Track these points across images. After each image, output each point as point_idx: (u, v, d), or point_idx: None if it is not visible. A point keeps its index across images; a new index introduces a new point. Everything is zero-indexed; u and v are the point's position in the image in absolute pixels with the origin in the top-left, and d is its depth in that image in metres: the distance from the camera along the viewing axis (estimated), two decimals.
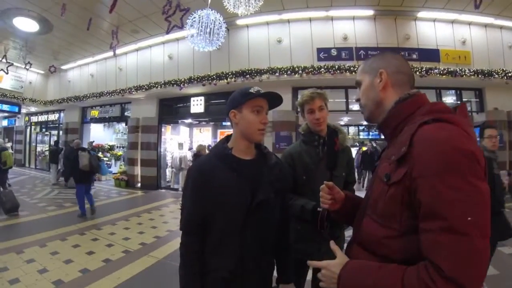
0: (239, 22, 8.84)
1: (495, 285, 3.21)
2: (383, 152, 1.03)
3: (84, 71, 12.88)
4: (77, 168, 6.36)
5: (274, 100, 1.36)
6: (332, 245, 0.98)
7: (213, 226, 1.29)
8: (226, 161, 1.30)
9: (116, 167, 12.99)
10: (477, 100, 9.19)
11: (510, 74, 8.42)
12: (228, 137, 1.41)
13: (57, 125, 15.10)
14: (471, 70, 8.28)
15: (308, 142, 1.98)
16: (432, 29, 8.76)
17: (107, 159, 13.27)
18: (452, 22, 8.77)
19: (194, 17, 6.41)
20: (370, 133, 14.37)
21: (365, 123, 14.04)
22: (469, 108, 9.36)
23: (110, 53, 10.24)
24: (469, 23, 8.82)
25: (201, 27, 6.40)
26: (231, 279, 1.26)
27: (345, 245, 1.19)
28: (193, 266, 1.28)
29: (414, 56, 8.45)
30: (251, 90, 1.29)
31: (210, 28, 6.46)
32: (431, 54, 8.54)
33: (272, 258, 1.43)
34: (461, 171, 0.69)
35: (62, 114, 14.62)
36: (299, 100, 1.96)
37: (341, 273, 0.85)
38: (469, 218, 0.66)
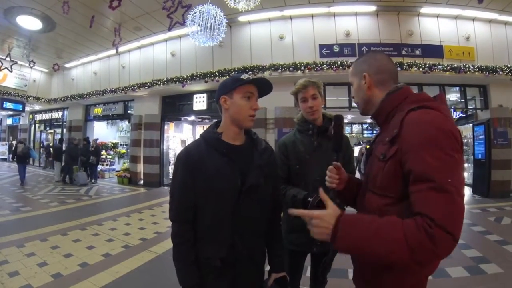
0: (241, 18, 8.85)
1: (500, 283, 3.19)
2: (376, 138, 1.18)
3: (88, 69, 12.96)
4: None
5: (264, 87, 1.35)
6: (322, 194, 1.05)
7: (203, 213, 1.28)
8: (216, 146, 1.30)
9: (120, 165, 13.07)
10: (482, 98, 9.04)
11: None
12: (217, 123, 1.41)
13: (60, 123, 15.21)
14: (475, 67, 8.15)
15: (302, 131, 1.95)
16: (436, 25, 8.67)
17: (110, 156, 13.37)
18: (456, 17, 8.68)
19: (195, 12, 6.42)
20: (374, 131, 14.23)
21: (369, 121, 14.01)
22: (473, 106, 9.29)
23: (113, 51, 10.26)
24: (473, 19, 8.70)
25: (202, 22, 6.41)
26: (224, 267, 1.26)
27: None
28: (189, 256, 1.27)
29: (417, 52, 8.37)
30: (242, 77, 1.30)
31: (211, 23, 6.47)
32: (434, 50, 8.46)
33: (264, 247, 1.42)
34: (442, 145, 0.86)
35: (65, 112, 14.71)
36: (293, 89, 1.94)
37: (337, 223, 0.90)
38: (449, 180, 0.83)
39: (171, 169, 10.90)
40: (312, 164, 1.83)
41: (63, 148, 11.58)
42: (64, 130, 14.49)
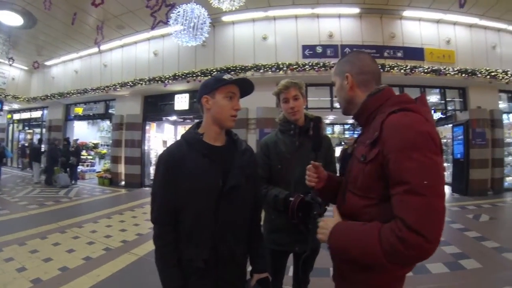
0: (225, 18, 8.81)
1: (479, 278, 3.32)
2: (358, 138, 1.20)
3: (68, 67, 12.65)
4: None
5: (246, 88, 1.37)
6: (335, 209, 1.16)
7: (185, 214, 1.28)
8: (197, 147, 1.30)
9: (100, 166, 12.78)
10: (461, 99, 9.30)
11: (493, 74, 8.56)
12: (199, 123, 1.41)
13: (40, 122, 14.78)
14: (455, 69, 8.38)
15: (284, 131, 1.98)
16: (417, 28, 8.86)
17: (91, 157, 13.06)
18: (437, 21, 8.90)
19: (179, 11, 6.36)
20: (356, 132, 14.40)
21: (350, 121, 14.16)
22: (452, 107, 9.52)
23: (95, 49, 10.09)
24: (454, 23, 8.96)
25: (185, 21, 6.35)
26: (206, 269, 1.26)
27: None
28: (171, 259, 1.26)
29: (399, 54, 8.52)
30: (225, 77, 1.31)
31: (194, 23, 6.42)
32: (415, 53, 8.62)
33: (245, 247, 1.42)
34: (419, 147, 0.87)
35: (45, 111, 14.28)
36: (275, 89, 1.97)
37: (333, 228, 1.02)
38: (425, 182, 0.83)
39: (152, 169, 10.74)
40: (294, 164, 1.85)
41: (42, 149, 11.23)
42: (44, 130, 14.07)
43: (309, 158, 1.38)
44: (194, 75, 8.75)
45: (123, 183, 10.54)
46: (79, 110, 12.47)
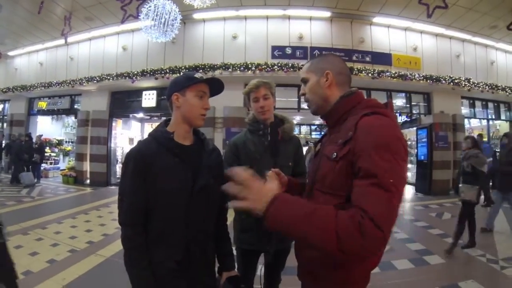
0: (196, 16, 8.72)
1: (442, 272, 3.56)
2: (323, 138, 1.25)
3: (33, 59, 12.06)
4: None
5: (217, 87, 1.38)
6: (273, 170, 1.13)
7: (155, 214, 1.25)
8: (167, 146, 1.28)
9: (65, 163, 12.30)
10: (425, 104, 9.69)
11: (456, 81, 9.01)
12: (167, 121, 1.39)
13: (1, 116, 13.98)
14: (421, 75, 8.75)
15: (253, 131, 1.98)
16: (386, 35, 9.15)
17: (55, 154, 12.53)
18: (405, 29, 9.24)
19: (150, 6, 6.25)
20: (323, 132, 14.55)
21: (317, 122, 14.38)
22: (417, 111, 9.91)
23: (61, 41, 9.59)
24: (421, 32, 9.35)
25: (156, 16, 6.25)
26: (179, 269, 1.25)
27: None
28: (143, 261, 1.22)
29: (367, 59, 8.73)
30: (196, 75, 1.30)
31: (165, 19, 6.33)
32: (383, 58, 8.88)
33: (214, 245, 1.43)
34: (391, 148, 0.90)
35: (7, 105, 13.52)
36: (245, 88, 1.96)
37: (274, 197, 0.91)
38: (391, 180, 0.86)
39: (118, 168, 10.46)
40: (263, 165, 1.81)
41: (2, 145, 10.63)
42: (5, 124, 13.30)
43: (279, 158, 1.39)
44: (163, 72, 8.60)
45: (88, 181, 10.25)
46: (43, 105, 11.89)
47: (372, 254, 0.84)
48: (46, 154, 11.59)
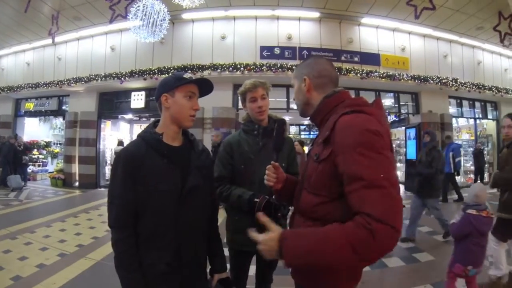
0: (185, 16, 8.68)
1: (432, 269, 3.62)
2: (315, 139, 1.23)
3: (20, 59, 11.85)
4: None
5: (206, 88, 1.37)
6: (261, 217, 1.04)
7: (145, 217, 1.24)
8: (156, 147, 1.27)
9: (53, 166, 12.17)
10: (414, 104, 9.81)
11: (444, 81, 9.15)
12: (155, 122, 1.38)
13: None
14: (409, 75, 8.86)
15: (248, 131, 1.98)
16: (375, 35, 9.22)
17: (43, 156, 12.35)
18: (394, 30, 9.34)
19: (139, 6, 6.21)
20: (312, 133, 14.76)
21: (306, 122, 14.50)
22: (405, 110, 10.00)
23: (49, 41, 9.47)
24: (409, 32, 9.46)
25: (145, 16, 6.22)
26: (170, 271, 1.23)
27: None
28: (133, 264, 1.21)
29: (356, 59, 8.79)
30: (185, 76, 1.30)
31: (154, 19, 6.31)
32: (372, 58, 8.96)
33: (206, 246, 1.42)
34: (369, 144, 0.90)
35: None
36: (241, 88, 1.94)
37: (280, 236, 0.93)
38: (381, 175, 0.86)
39: (108, 169, 10.37)
40: (257, 165, 1.84)
41: None
42: None
43: (272, 159, 1.39)
44: (151, 72, 8.54)
45: (77, 184, 10.12)
46: (30, 106, 11.68)
47: (390, 250, 0.86)
48: (33, 156, 11.46)
